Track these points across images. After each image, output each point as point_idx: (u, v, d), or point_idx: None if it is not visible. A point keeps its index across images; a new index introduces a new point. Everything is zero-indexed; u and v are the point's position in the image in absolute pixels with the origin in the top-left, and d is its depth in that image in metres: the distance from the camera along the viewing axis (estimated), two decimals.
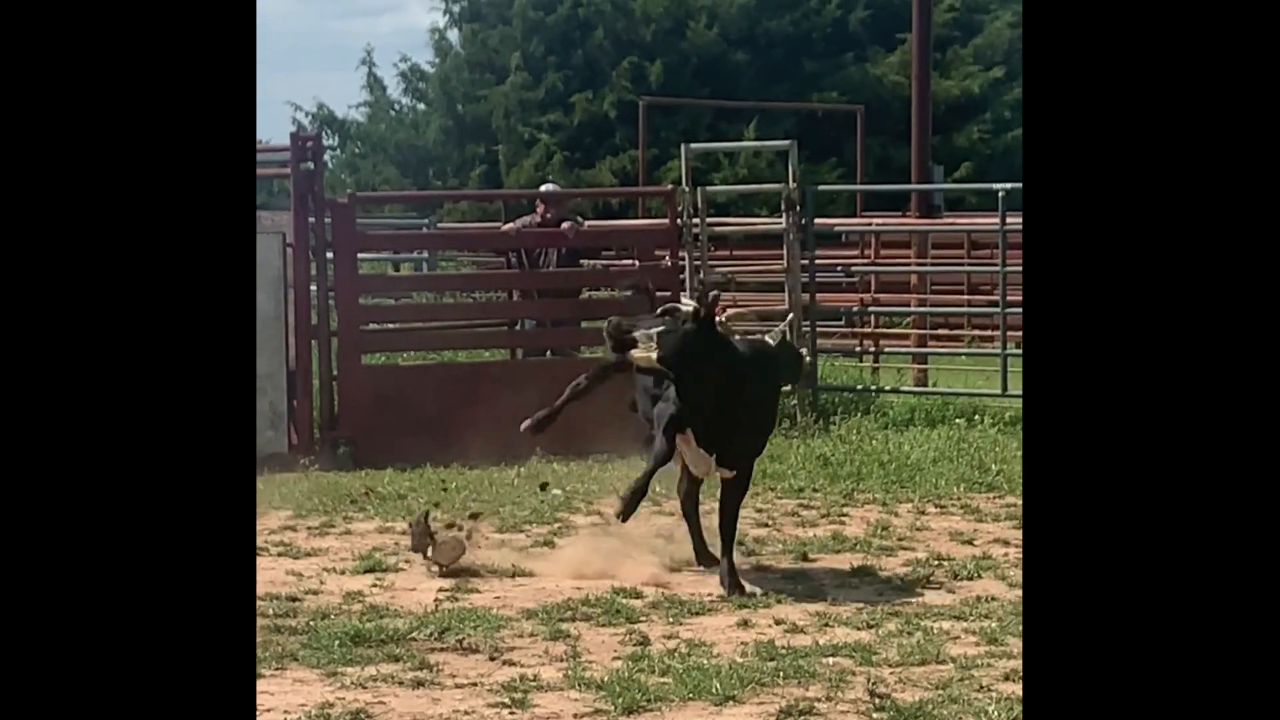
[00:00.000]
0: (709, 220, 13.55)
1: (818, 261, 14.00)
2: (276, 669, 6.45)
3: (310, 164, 12.35)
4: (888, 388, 13.98)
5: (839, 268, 16.41)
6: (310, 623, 7.17)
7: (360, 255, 13.69)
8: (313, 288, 12.33)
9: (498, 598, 7.74)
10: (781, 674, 6.27)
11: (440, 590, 7.85)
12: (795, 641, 6.82)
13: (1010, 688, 6.02)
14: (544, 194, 13.96)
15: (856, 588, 7.91)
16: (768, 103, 28.71)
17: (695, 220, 13.06)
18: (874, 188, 22.84)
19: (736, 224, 17.27)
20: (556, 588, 7.86)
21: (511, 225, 13.48)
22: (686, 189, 13.18)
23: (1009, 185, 13.08)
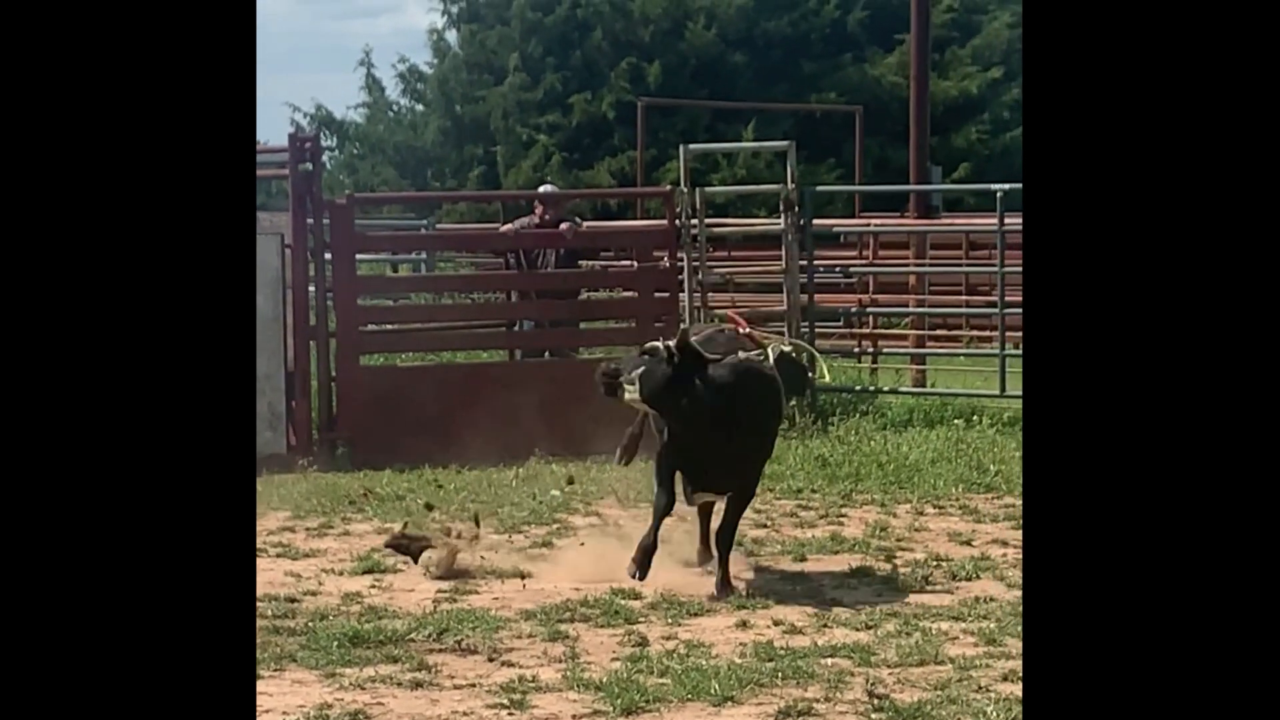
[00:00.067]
0: (707, 221, 13.56)
1: (816, 262, 14.01)
2: (275, 670, 6.44)
3: (309, 165, 12.34)
4: (886, 388, 13.97)
5: (837, 268, 16.43)
6: (309, 624, 7.17)
7: (359, 256, 13.68)
8: (311, 289, 12.31)
9: (496, 599, 7.74)
10: (780, 675, 6.27)
11: (439, 591, 7.85)
12: (794, 642, 6.82)
13: (1009, 688, 6.02)
14: (542, 195, 13.95)
15: (855, 588, 7.91)
16: (766, 103, 28.71)
17: (694, 221, 13.06)
18: (872, 188, 22.85)
19: (735, 225, 17.27)
20: (555, 589, 7.86)
21: (510, 226, 13.47)
22: (685, 190, 13.17)
23: (1007, 186, 13.08)
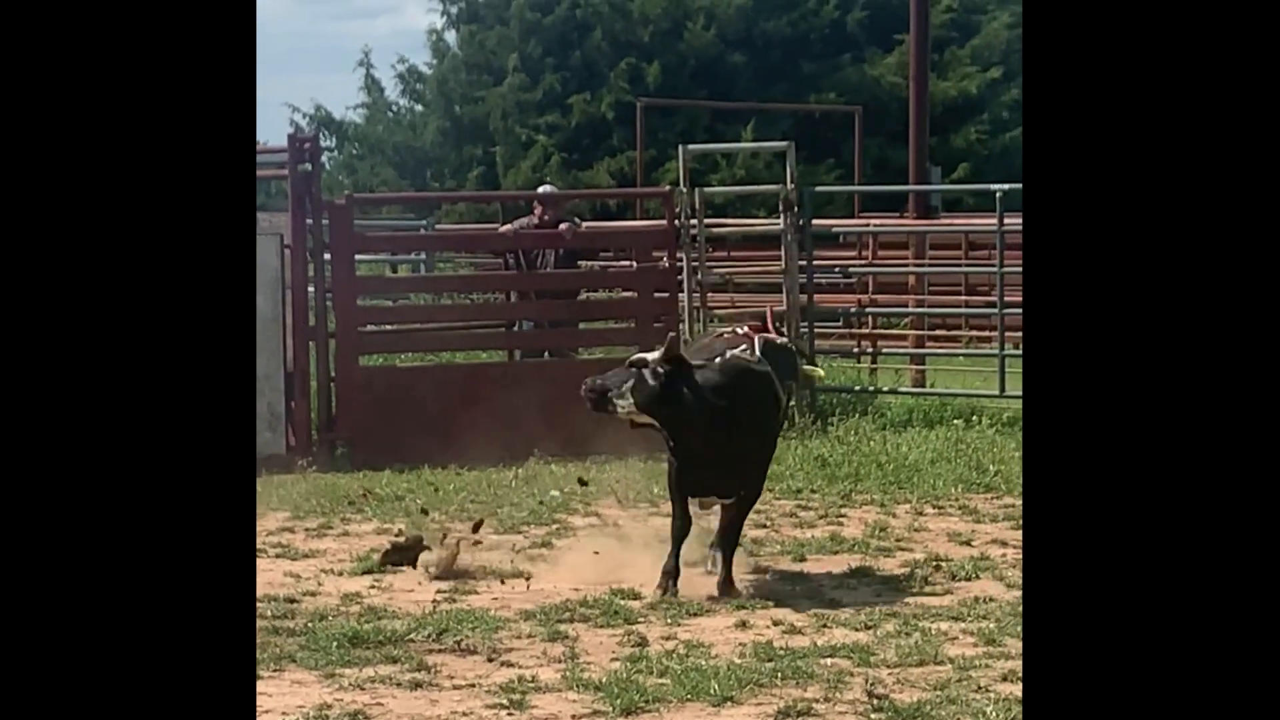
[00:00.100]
0: (707, 221, 13.57)
1: (815, 262, 14.02)
2: (274, 670, 6.44)
3: (308, 165, 12.35)
4: (885, 389, 13.98)
5: (837, 268, 16.44)
6: (308, 624, 7.16)
7: (358, 257, 13.68)
8: (310, 289, 12.32)
9: (496, 599, 7.74)
10: (779, 675, 6.27)
11: (438, 592, 7.85)
12: (793, 642, 6.82)
13: (1008, 688, 6.02)
14: (542, 195, 13.95)
15: (854, 589, 7.91)
16: (765, 104, 28.71)
17: (693, 221, 13.06)
18: (871, 188, 22.85)
19: (734, 225, 17.28)
20: (554, 589, 7.86)
21: (509, 226, 13.47)
22: (684, 190, 13.17)
23: (1006, 186, 13.09)
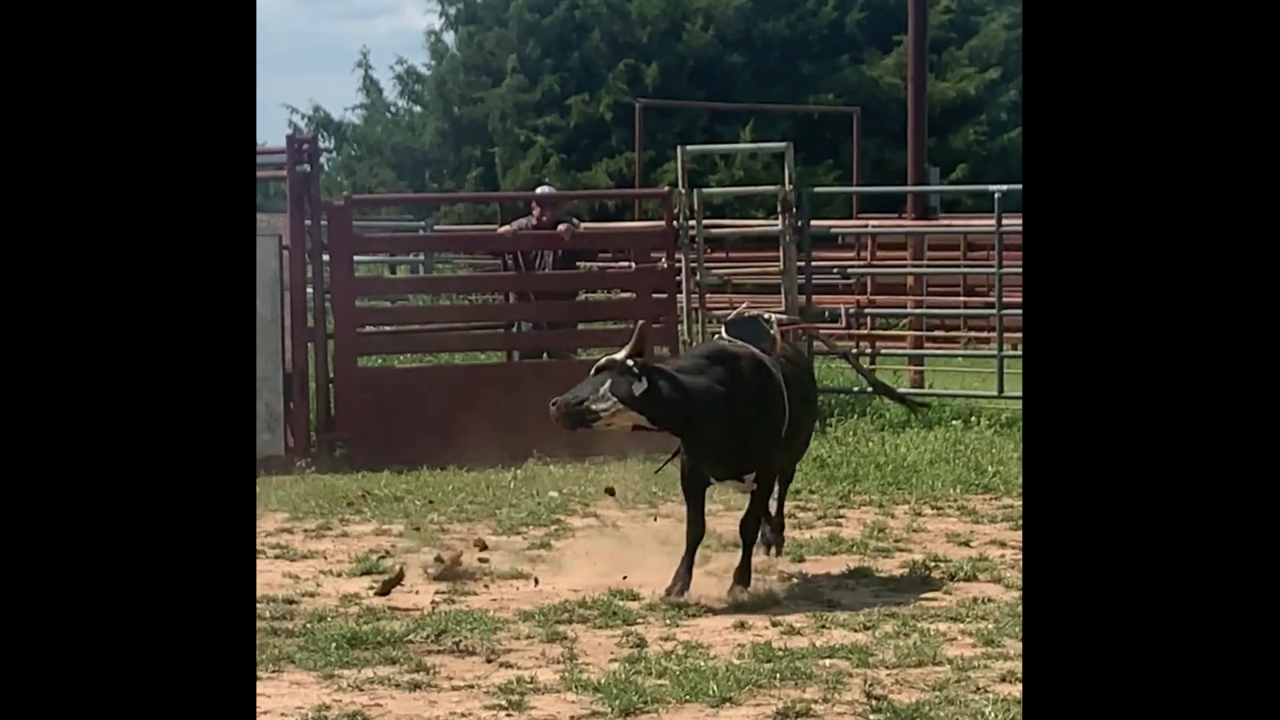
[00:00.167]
0: (705, 222, 13.56)
1: (814, 263, 14.02)
2: (273, 671, 6.44)
3: (306, 166, 12.35)
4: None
5: (835, 269, 16.42)
6: (307, 625, 7.16)
7: (357, 258, 13.68)
8: (309, 290, 12.32)
9: (494, 600, 7.74)
10: (778, 676, 6.27)
11: (437, 593, 7.85)
12: (792, 643, 6.82)
13: (1007, 689, 6.02)
14: (540, 196, 13.95)
15: (853, 589, 7.91)
16: (764, 105, 28.71)
17: (691, 222, 13.05)
18: (870, 189, 22.85)
19: (733, 226, 17.30)
20: (553, 590, 7.87)
21: (508, 227, 13.46)
22: (683, 191, 13.16)
23: (1005, 187, 13.10)
